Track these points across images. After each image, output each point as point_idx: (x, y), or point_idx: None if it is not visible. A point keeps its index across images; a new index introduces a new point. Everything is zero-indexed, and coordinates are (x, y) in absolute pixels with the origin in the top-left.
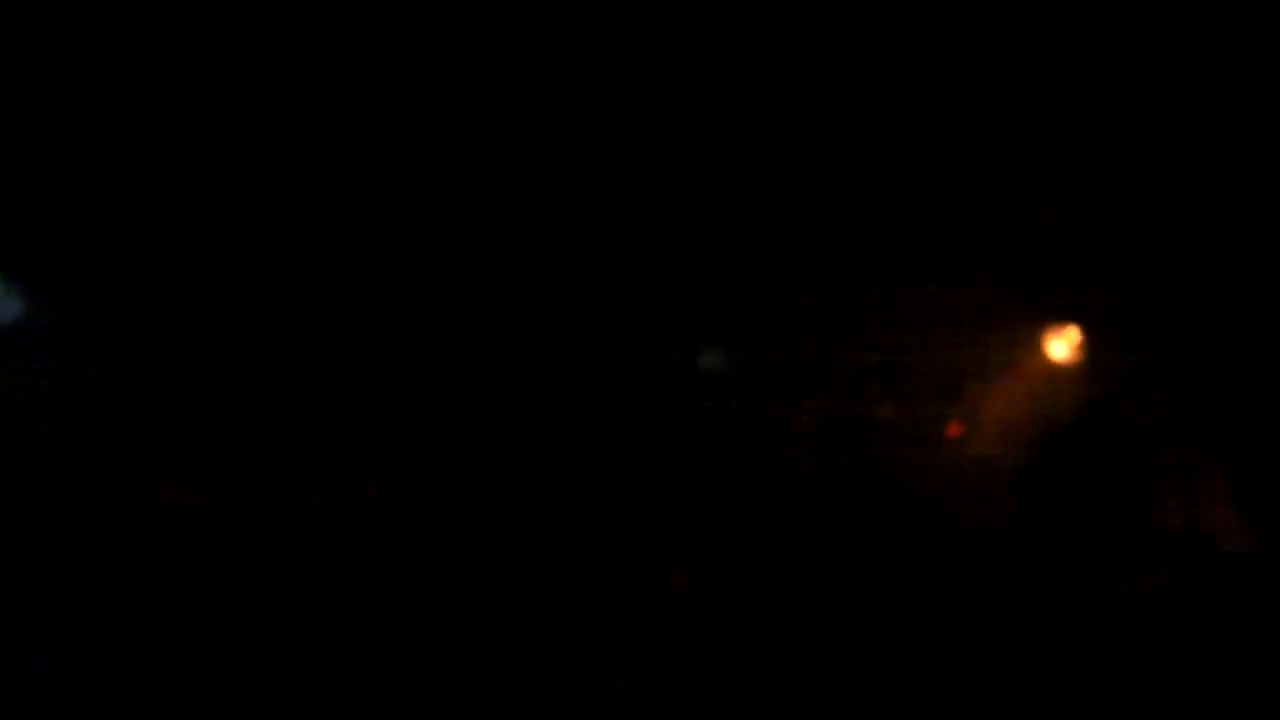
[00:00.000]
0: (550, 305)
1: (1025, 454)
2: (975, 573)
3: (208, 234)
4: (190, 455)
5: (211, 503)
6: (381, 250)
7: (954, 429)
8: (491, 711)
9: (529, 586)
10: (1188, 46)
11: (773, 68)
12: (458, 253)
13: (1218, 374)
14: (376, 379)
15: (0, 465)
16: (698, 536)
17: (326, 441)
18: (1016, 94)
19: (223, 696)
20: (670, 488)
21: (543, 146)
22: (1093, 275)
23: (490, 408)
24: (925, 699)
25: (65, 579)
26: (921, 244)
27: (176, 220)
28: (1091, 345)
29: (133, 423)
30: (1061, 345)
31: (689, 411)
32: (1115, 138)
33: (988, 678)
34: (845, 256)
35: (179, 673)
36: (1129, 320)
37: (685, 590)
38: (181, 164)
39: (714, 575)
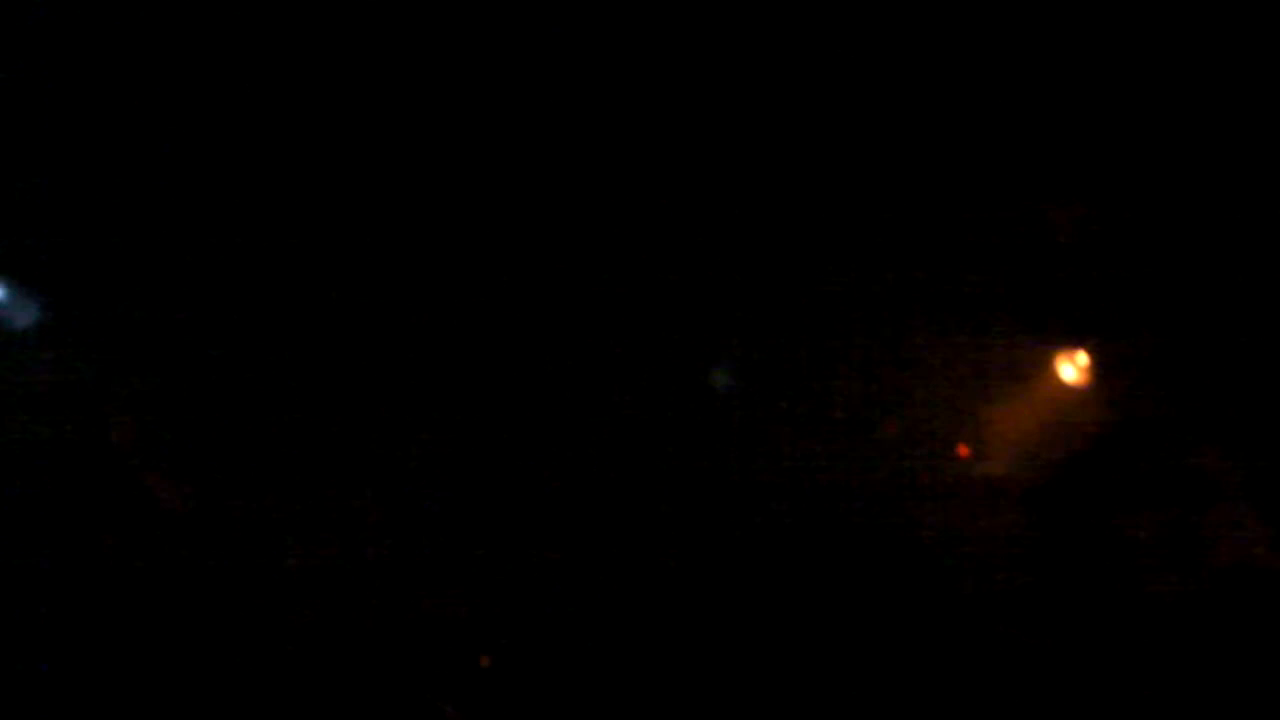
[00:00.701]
0: (560, 317)
1: (1031, 472)
2: (978, 587)
3: (213, 238)
4: (193, 458)
5: (212, 506)
6: (388, 255)
7: (961, 448)
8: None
9: (536, 590)
10: (1194, 61)
11: (796, 86)
12: (468, 260)
13: (1229, 394)
14: (380, 383)
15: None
16: (704, 549)
17: (329, 446)
18: (1030, 115)
19: (221, 696)
20: (677, 502)
21: (553, 156)
22: (1103, 296)
23: (494, 414)
24: (927, 709)
25: (67, 578)
26: (932, 264)
27: (185, 225)
28: (1101, 366)
29: (136, 424)
30: (1070, 366)
31: (697, 426)
32: (1127, 158)
33: (991, 689)
34: (854, 273)
35: (178, 672)
36: (1140, 343)
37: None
38: (192, 169)
39: (718, 588)
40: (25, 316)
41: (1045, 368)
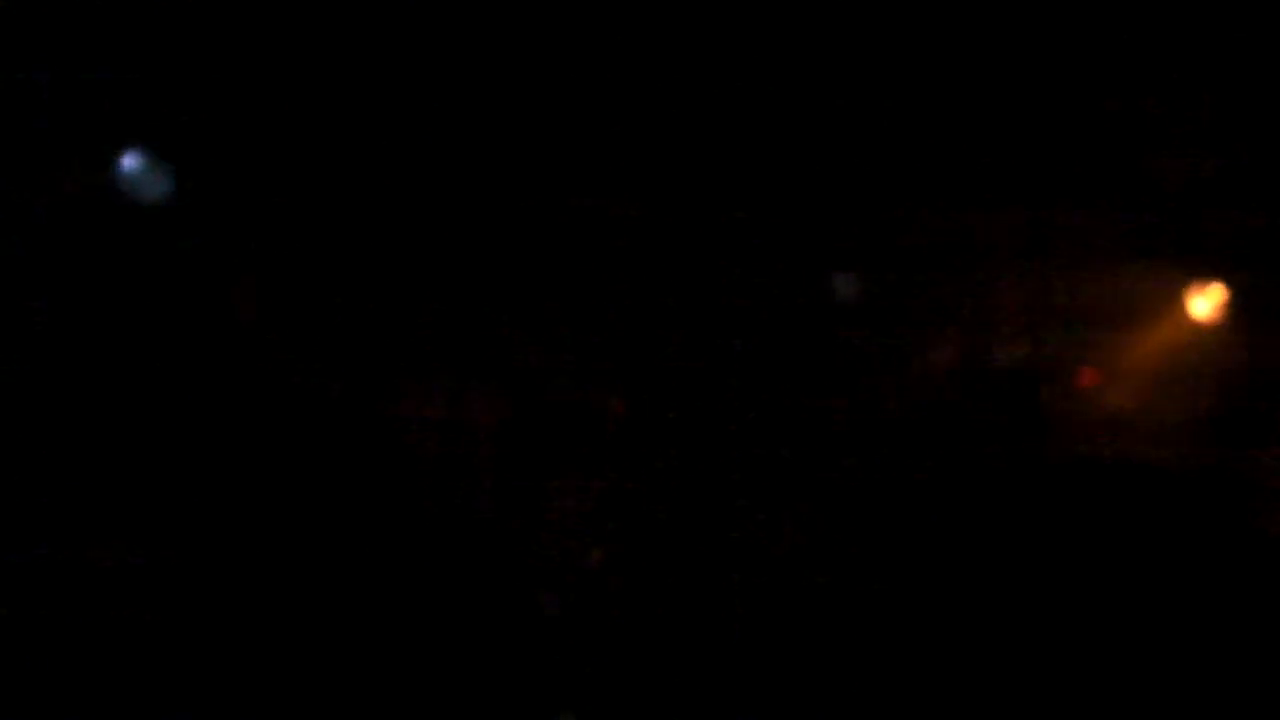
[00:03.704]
0: (679, 229)
1: (1156, 406)
2: (1095, 516)
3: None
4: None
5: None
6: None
7: (1089, 376)
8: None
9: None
10: None
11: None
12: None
13: None
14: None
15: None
16: (823, 470)
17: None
18: (1182, 36)
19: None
20: (798, 418)
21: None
22: (1241, 237)
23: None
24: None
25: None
26: (1071, 199)
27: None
28: (1236, 306)
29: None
30: (1204, 303)
31: (821, 343)
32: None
33: (1106, 612)
34: (988, 187)
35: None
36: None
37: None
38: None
39: (839, 510)
40: (154, 187)
41: (1179, 304)
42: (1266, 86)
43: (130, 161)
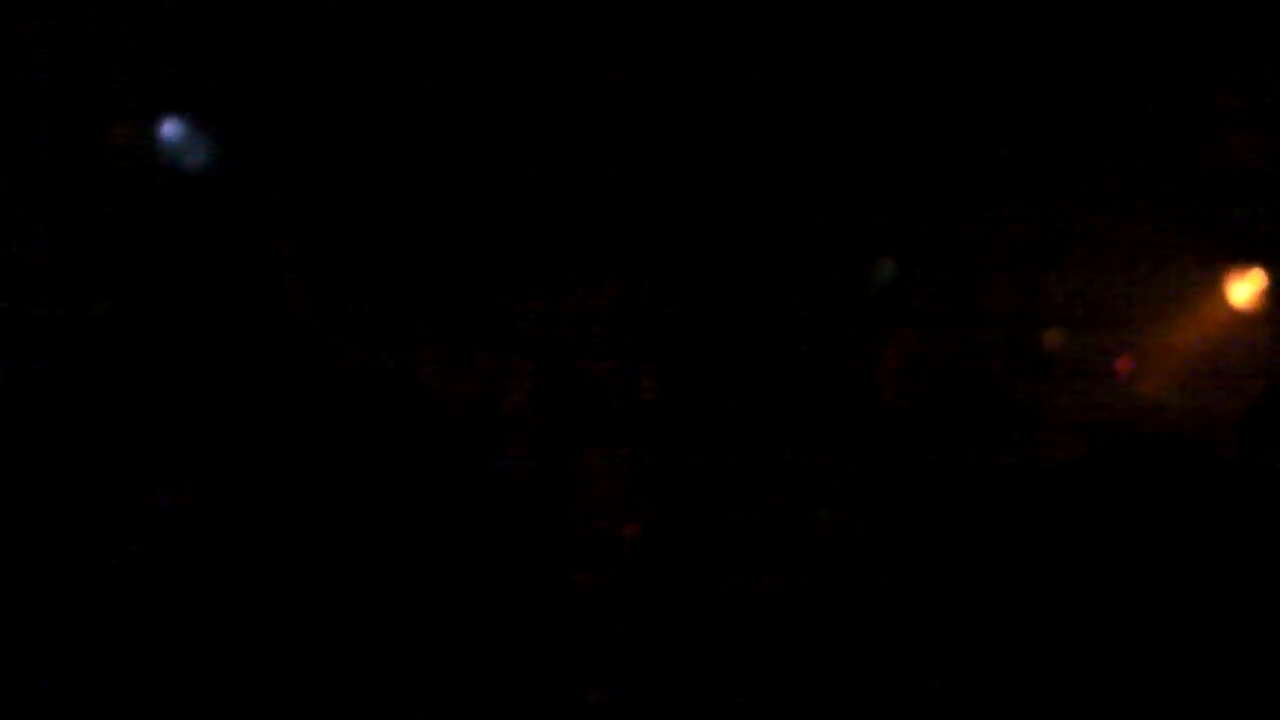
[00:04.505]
0: (709, 207)
1: (1195, 396)
2: (1123, 510)
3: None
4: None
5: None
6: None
7: (1123, 364)
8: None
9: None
10: None
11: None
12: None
13: None
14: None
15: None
16: (842, 467)
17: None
18: (1206, 39)
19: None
20: (816, 414)
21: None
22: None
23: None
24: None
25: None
26: (1105, 167)
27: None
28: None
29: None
30: (1245, 288)
31: (847, 338)
32: None
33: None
34: (1016, 174)
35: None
36: None
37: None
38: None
39: (856, 509)
40: (195, 157)
41: (1218, 293)
42: None
43: (171, 129)
